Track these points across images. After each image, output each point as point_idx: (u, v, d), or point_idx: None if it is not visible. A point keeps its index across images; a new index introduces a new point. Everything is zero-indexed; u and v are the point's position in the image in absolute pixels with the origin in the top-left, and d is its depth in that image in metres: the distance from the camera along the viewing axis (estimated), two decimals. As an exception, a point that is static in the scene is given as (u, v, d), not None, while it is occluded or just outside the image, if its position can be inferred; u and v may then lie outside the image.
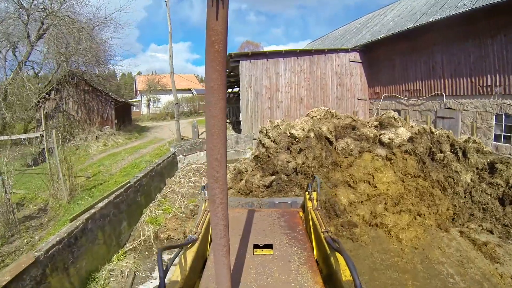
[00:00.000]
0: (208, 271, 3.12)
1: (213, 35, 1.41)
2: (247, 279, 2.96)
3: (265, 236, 3.88)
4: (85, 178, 12.76)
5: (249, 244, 3.65)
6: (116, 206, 7.87)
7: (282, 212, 4.74)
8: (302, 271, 3.11)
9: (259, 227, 4.14)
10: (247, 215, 4.51)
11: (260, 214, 4.63)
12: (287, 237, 3.89)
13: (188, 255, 3.02)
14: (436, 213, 9.66)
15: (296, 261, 3.30)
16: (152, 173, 10.27)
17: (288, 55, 18.92)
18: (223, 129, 1.64)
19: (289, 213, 4.70)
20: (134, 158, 15.17)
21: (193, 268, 3.00)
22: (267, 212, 4.72)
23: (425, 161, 10.74)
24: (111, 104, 22.14)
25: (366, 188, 9.79)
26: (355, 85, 20.69)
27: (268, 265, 3.22)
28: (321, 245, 3.30)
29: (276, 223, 4.31)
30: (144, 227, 8.66)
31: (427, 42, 16.93)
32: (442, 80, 16.25)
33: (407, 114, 18.18)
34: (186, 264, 2.89)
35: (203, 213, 4.02)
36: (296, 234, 3.97)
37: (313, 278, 2.98)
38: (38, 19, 18.98)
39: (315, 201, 4.43)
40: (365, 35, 22.76)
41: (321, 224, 3.59)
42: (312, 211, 4.17)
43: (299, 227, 4.19)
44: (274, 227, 4.16)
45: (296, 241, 3.78)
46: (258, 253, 3.53)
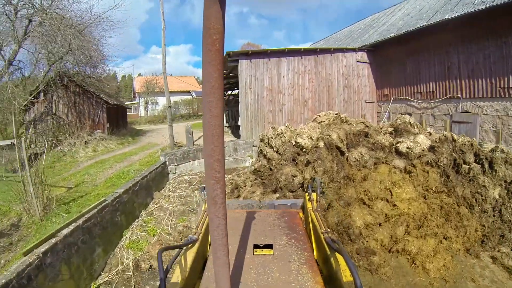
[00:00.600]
0: (208, 271, 3.08)
1: (214, 34, 1.41)
2: (247, 279, 2.96)
3: (265, 237, 3.84)
4: (66, 189, 11.55)
5: (249, 244, 3.61)
6: (87, 231, 6.54)
7: (282, 212, 4.70)
8: (302, 271, 3.09)
9: (259, 228, 4.12)
10: (247, 215, 4.50)
11: (260, 214, 4.59)
12: (287, 237, 3.84)
13: (188, 256, 3.01)
14: (464, 236, 8.32)
15: (296, 261, 3.27)
16: (136, 188, 8.92)
17: (291, 54, 17.53)
18: (223, 129, 1.64)
19: (289, 214, 4.65)
20: (123, 166, 13.91)
21: (193, 269, 2.98)
22: (267, 213, 4.68)
23: (449, 174, 9.37)
24: (103, 107, 20.87)
25: (384, 206, 8.43)
26: (363, 87, 19.35)
27: (268, 265, 3.20)
28: (321, 246, 3.29)
29: (276, 223, 4.27)
30: (123, 253, 7.33)
31: (441, 41, 15.71)
32: (458, 82, 15.02)
33: (421, 118, 16.89)
34: (186, 265, 2.88)
35: (203, 214, 4.06)
36: (296, 234, 3.92)
37: (313, 278, 2.96)
38: (26, 16, 17.81)
39: (314, 202, 4.32)
40: (373, 35, 21.51)
41: (320, 225, 3.55)
42: (312, 212, 4.09)
43: (299, 228, 4.14)
44: (274, 228, 4.12)
45: (296, 241, 3.73)
46: (258, 253, 3.48)
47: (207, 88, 1.52)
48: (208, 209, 1.90)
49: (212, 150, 1.63)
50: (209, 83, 1.50)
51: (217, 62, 1.46)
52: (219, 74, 1.50)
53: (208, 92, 1.52)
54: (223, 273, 2.07)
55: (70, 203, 9.92)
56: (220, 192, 1.78)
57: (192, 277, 2.94)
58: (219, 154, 1.66)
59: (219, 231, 1.92)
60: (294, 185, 8.65)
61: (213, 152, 1.63)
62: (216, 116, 1.57)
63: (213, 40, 1.41)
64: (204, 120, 1.61)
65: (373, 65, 19.73)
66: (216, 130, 1.59)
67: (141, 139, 23.02)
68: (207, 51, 1.44)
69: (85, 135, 18.85)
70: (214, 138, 1.60)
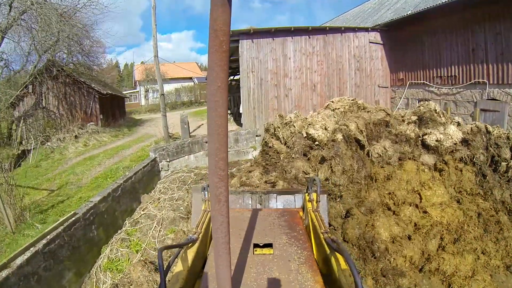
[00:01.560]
0: (208, 271, 3.03)
1: (221, 36, 1.41)
2: (247, 278, 2.94)
3: (265, 236, 3.81)
4: (47, 193, 10.35)
5: (249, 243, 3.57)
6: (51, 256, 5.27)
7: (282, 211, 4.71)
8: (302, 270, 3.06)
9: (259, 227, 4.10)
10: (247, 215, 4.50)
11: (260, 214, 4.58)
12: (287, 236, 3.80)
13: (188, 255, 2.93)
14: (504, 249, 6.96)
15: (296, 261, 3.25)
16: (117, 193, 7.57)
17: (298, 33, 15.79)
18: (227, 129, 1.69)
19: (289, 213, 4.65)
20: (112, 162, 12.68)
21: (193, 268, 2.92)
22: (267, 212, 4.69)
23: (486, 173, 7.94)
24: (95, 97, 19.48)
25: (412, 213, 7.03)
26: (376, 70, 17.69)
27: (268, 265, 3.17)
28: (321, 247, 3.18)
29: (276, 222, 4.25)
30: (100, 276, 6.07)
31: (465, 19, 14.01)
32: (484, 65, 13.40)
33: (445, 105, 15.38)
34: (186, 264, 2.81)
35: (203, 213, 3.98)
36: (296, 233, 3.88)
37: (313, 277, 2.94)
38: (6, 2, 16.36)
39: (314, 202, 4.19)
40: (386, 14, 19.76)
41: (320, 225, 3.44)
42: (312, 212, 3.99)
43: (299, 227, 4.10)
44: (274, 227, 4.10)
45: (296, 240, 3.68)
46: (258, 252, 3.47)
47: (213, 88, 1.53)
48: (211, 207, 1.88)
49: (217, 149, 1.65)
50: (216, 84, 1.52)
51: (224, 63, 1.48)
52: (225, 75, 1.52)
53: (214, 92, 1.53)
54: (224, 271, 2.06)
55: (48, 211, 8.73)
56: (224, 190, 1.79)
57: (192, 277, 2.88)
58: (224, 153, 1.69)
59: (222, 229, 1.93)
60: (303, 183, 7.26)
61: (217, 151, 1.66)
62: (222, 116, 1.59)
63: (220, 41, 1.43)
64: (209, 119, 1.61)
65: (386, 46, 18.05)
66: (221, 130, 1.61)
67: (137, 130, 21.70)
68: (214, 52, 1.45)
69: (75, 129, 17.46)
70: (219, 137, 1.62)
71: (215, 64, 1.46)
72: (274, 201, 5.77)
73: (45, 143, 16.25)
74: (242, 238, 3.75)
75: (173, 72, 47.44)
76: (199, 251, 3.18)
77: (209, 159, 1.73)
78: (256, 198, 5.83)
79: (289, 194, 5.79)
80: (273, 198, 5.78)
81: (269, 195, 5.82)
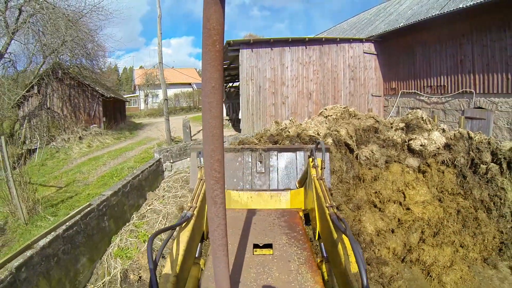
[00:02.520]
0: (208, 271, 3.02)
1: (214, 35, 1.40)
2: (247, 278, 2.92)
3: (264, 236, 3.76)
4: (55, 189, 10.92)
5: (249, 244, 3.54)
6: (69, 240, 5.88)
7: (282, 212, 4.60)
8: (302, 271, 3.05)
9: (258, 227, 4.03)
10: (247, 215, 4.41)
11: (260, 214, 4.50)
12: (287, 237, 3.75)
13: (182, 237, 2.67)
14: (482, 243, 7.62)
15: (296, 261, 3.23)
16: (126, 189, 8.20)
17: (295, 44, 16.68)
18: (222, 130, 1.65)
19: (289, 213, 4.55)
20: (117, 163, 13.26)
21: (189, 251, 2.67)
22: (267, 212, 4.58)
23: (466, 174, 8.64)
24: (99, 100, 20.12)
25: (396, 210, 7.72)
26: (369, 80, 18.52)
27: (268, 265, 3.16)
28: (325, 224, 3.00)
29: (276, 223, 4.17)
30: (111, 262, 6.67)
31: (454, 32, 14.86)
32: (471, 76, 14.20)
33: (432, 113, 16.12)
34: (181, 247, 2.52)
35: (199, 183, 3.66)
36: (296, 234, 3.83)
37: (313, 277, 2.93)
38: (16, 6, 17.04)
39: (319, 169, 3.93)
40: (380, 25, 20.60)
41: (326, 198, 3.22)
42: (316, 180, 3.71)
43: (299, 227, 4.03)
44: (274, 227, 4.03)
45: (296, 241, 3.65)
46: (258, 253, 3.43)
47: (208, 89, 1.52)
48: (208, 209, 1.85)
49: (212, 151, 1.65)
50: (210, 84, 1.51)
51: (217, 63, 1.47)
52: (219, 75, 1.51)
53: (208, 93, 1.52)
54: (223, 273, 2.04)
55: (58, 205, 9.29)
56: (220, 192, 1.78)
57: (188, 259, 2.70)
58: (219, 155, 1.67)
59: (219, 231, 1.90)
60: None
61: (213, 152, 1.65)
62: (216, 117, 1.59)
63: (213, 41, 1.42)
64: (204, 121, 1.61)
65: (380, 56, 18.88)
66: (216, 131, 1.61)
67: (138, 133, 22.32)
68: (207, 52, 1.44)
69: (80, 130, 18.12)
70: (214, 139, 1.62)
71: (209, 64, 1.48)
72: (275, 159, 5.69)
73: (50, 143, 16.81)
74: (241, 238, 3.69)
75: (172, 77, 48.05)
76: (195, 229, 3.00)
77: (205, 160, 1.73)
78: (256, 156, 5.72)
79: (290, 152, 5.71)
80: (273, 156, 5.70)
81: (269, 153, 5.72)
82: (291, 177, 5.66)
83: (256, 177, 5.74)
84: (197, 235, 3.18)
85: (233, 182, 5.69)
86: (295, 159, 5.62)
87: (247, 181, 5.74)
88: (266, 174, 5.71)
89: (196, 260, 3.08)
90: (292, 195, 5.00)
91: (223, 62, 1.54)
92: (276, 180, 5.69)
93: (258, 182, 5.70)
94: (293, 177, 5.65)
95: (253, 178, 5.75)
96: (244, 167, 5.78)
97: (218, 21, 1.37)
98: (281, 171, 5.72)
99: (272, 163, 5.69)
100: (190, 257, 2.82)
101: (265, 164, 5.68)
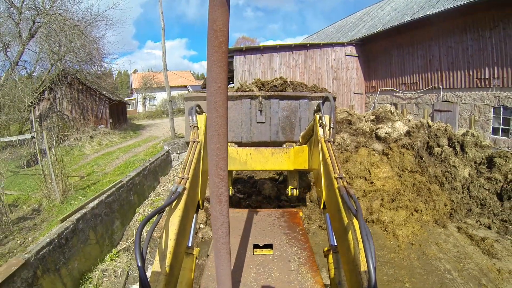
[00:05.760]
0: (208, 271, 3.04)
1: (220, 36, 1.41)
2: (247, 278, 2.94)
3: (265, 236, 3.79)
4: (78, 178, 12.63)
5: (249, 244, 3.58)
6: (108, 206, 7.72)
7: (282, 212, 4.63)
8: (302, 271, 3.06)
9: (259, 227, 4.06)
10: (247, 215, 4.42)
11: (260, 214, 4.53)
12: (287, 237, 3.80)
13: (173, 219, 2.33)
14: (433, 209, 9.53)
15: (296, 261, 3.25)
16: (145, 172, 10.10)
17: (283, 50, 18.70)
18: (227, 129, 1.67)
19: (289, 213, 4.56)
20: (128, 157, 15.02)
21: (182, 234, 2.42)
22: (267, 212, 4.61)
23: (422, 155, 10.58)
24: (105, 103, 21.93)
25: (362, 184, 9.63)
26: (351, 79, 20.52)
27: (268, 265, 3.16)
28: (332, 195, 2.64)
29: (276, 223, 4.22)
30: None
31: (424, 35, 16.90)
32: (439, 73, 16.26)
33: (404, 107, 18.09)
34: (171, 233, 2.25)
35: (191, 146, 3.22)
36: (296, 234, 3.88)
37: (313, 277, 2.95)
38: (30, 18, 18.70)
39: (327, 130, 3.39)
40: (361, 30, 22.61)
41: (334, 166, 2.78)
42: (324, 143, 3.25)
43: (299, 227, 4.08)
44: (274, 227, 4.07)
45: (296, 241, 3.69)
46: (258, 253, 3.45)
47: (214, 89, 1.54)
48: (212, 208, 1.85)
49: (218, 149, 1.67)
50: (216, 84, 1.53)
51: (223, 63, 1.49)
52: (225, 75, 1.52)
53: (214, 92, 1.55)
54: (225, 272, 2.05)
55: (85, 189, 11.02)
56: (225, 190, 1.79)
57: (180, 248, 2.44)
58: (224, 153, 1.69)
59: (223, 229, 1.90)
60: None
61: (218, 151, 1.67)
62: (222, 116, 1.60)
63: (219, 42, 1.43)
64: (209, 120, 1.63)
65: (361, 58, 20.87)
66: (222, 130, 1.62)
67: (142, 133, 24.09)
68: (213, 53, 1.46)
69: (90, 130, 19.93)
70: (220, 137, 1.64)
71: (215, 65, 1.48)
72: (276, 107, 5.42)
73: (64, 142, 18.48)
74: (242, 238, 3.72)
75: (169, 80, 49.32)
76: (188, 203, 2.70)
77: (210, 159, 1.73)
78: (256, 104, 5.42)
79: (293, 100, 5.40)
80: (274, 104, 5.41)
81: (270, 101, 5.40)
82: (293, 128, 5.45)
83: (256, 127, 5.48)
84: (191, 211, 2.94)
85: (231, 134, 5.45)
86: (298, 108, 5.35)
87: (246, 132, 5.50)
88: (267, 124, 5.48)
89: (189, 250, 2.93)
90: (294, 153, 4.77)
91: (228, 63, 1.56)
92: (277, 131, 5.49)
93: (258, 133, 5.48)
94: (295, 127, 5.43)
95: (253, 128, 5.49)
96: (243, 117, 5.48)
97: (224, 23, 1.40)
98: (283, 121, 5.47)
99: (273, 111, 5.41)
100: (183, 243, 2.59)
101: (265, 113, 5.42)
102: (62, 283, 5.83)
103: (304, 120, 5.34)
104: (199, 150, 3.17)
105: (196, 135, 3.36)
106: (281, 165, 4.84)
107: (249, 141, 5.44)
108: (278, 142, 5.37)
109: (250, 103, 5.40)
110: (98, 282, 6.59)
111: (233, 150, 4.86)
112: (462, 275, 7.13)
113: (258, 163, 4.81)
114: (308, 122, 5.00)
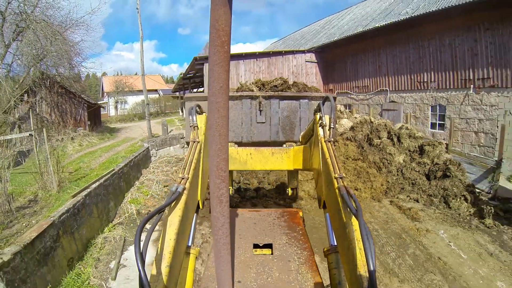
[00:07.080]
0: (208, 271, 3.05)
1: (223, 35, 1.43)
2: (247, 278, 2.95)
3: (264, 236, 3.75)
4: (68, 173, 13.96)
5: (249, 244, 3.56)
6: (105, 188, 9.38)
7: (282, 212, 4.56)
8: (302, 271, 3.07)
9: (258, 227, 4.02)
10: (247, 215, 4.40)
11: (260, 214, 4.49)
12: (287, 237, 3.76)
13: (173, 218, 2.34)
14: (371, 188, 11.70)
15: (296, 261, 3.24)
16: (131, 164, 11.81)
17: (248, 57, 20.66)
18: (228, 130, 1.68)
19: (289, 213, 4.48)
20: (110, 155, 16.48)
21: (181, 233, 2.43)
22: (267, 212, 4.56)
23: (363, 146, 12.85)
24: (84, 106, 23.03)
25: (307, 169, 11.78)
26: (311, 83, 22.68)
27: (268, 265, 3.16)
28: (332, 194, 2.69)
29: (276, 223, 4.17)
30: (127, 206, 10.21)
31: (374, 44, 19.33)
32: (386, 78, 18.76)
33: (357, 107, 20.49)
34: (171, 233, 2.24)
35: (191, 146, 3.20)
36: (296, 234, 3.84)
37: (313, 277, 2.96)
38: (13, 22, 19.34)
39: (327, 129, 3.38)
40: (322, 38, 24.95)
41: (334, 166, 2.83)
42: (324, 143, 3.25)
43: (299, 227, 4.02)
44: (274, 227, 4.03)
45: (296, 241, 3.66)
46: (258, 253, 3.45)
47: (215, 88, 1.52)
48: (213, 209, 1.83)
49: (219, 150, 1.66)
50: (218, 84, 1.51)
51: (226, 63, 1.48)
52: (227, 76, 1.51)
53: (216, 92, 1.53)
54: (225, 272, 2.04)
55: (77, 181, 12.44)
56: (225, 191, 1.79)
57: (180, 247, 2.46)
58: (225, 154, 1.69)
59: (224, 230, 1.90)
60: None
61: (219, 151, 1.66)
62: (224, 117, 1.58)
63: (222, 41, 1.43)
64: (211, 120, 1.60)
65: (320, 64, 23.29)
66: (223, 130, 1.61)
67: (118, 135, 25.26)
68: (215, 53, 1.45)
69: (71, 132, 21.04)
70: (221, 138, 1.62)
71: (217, 65, 1.46)
72: (276, 107, 5.43)
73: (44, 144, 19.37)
74: (241, 238, 3.71)
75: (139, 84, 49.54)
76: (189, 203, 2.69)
77: (210, 160, 1.69)
78: (256, 104, 5.44)
79: (293, 100, 5.42)
80: (274, 104, 5.42)
81: (270, 101, 5.42)
82: (293, 128, 5.46)
83: (256, 127, 5.50)
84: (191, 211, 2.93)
85: (231, 134, 5.40)
86: (298, 108, 5.36)
87: (247, 131, 5.51)
88: (267, 124, 5.50)
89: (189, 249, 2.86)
90: (295, 153, 4.79)
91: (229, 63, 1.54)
92: (277, 131, 5.50)
93: (258, 133, 5.50)
94: (295, 127, 5.45)
95: (253, 128, 5.50)
96: (243, 116, 5.47)
97: (227, 22, 1.40)
98: (283, 121, 5.48)
99: (273, 111, 5.42)
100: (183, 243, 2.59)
101: (265, 113, 5.42)
102: (75, 244, 7.45)
103: (304, 120, 5.38)
104: (199, 150, 3.18)
105: (196, 135, 3.39)
106: (281, 165, 4.88)
107: (249, 141, 5.51)
108: (278, 142, 5.42)
109: (250, 103, 5.46)
110: (102, 246, 8.25)
111: (233, 150, 4.92)
112: (387, 232, 9.19)
113: (258, 163, 4.87)
114: (308, 122, 5.02)
